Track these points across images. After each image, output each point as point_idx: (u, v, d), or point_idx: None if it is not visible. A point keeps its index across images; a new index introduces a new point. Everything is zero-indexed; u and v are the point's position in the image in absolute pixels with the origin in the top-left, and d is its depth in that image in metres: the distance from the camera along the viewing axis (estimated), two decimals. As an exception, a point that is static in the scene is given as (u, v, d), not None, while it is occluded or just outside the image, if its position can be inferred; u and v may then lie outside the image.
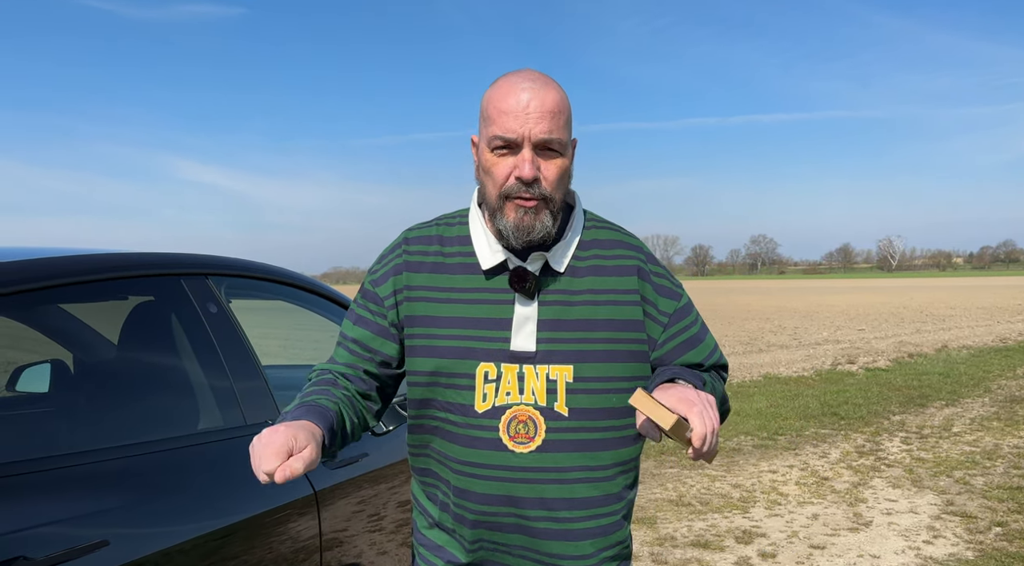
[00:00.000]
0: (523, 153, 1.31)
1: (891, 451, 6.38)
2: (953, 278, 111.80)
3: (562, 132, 1.33)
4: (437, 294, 1.40)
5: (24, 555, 1.42)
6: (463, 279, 1.39)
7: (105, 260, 1.99)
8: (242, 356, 2.18)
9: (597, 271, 1.40)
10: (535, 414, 1.35)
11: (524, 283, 1.35)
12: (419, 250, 1.44)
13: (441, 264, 1.41)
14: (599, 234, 1.44)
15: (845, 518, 4.71)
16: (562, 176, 1.35)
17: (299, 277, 2.62)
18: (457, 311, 1.38)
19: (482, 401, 1.36)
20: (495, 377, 1.35)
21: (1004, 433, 6.96)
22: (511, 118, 1.30)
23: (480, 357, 1.36)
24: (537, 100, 1.30)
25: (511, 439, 1.35)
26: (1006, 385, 9.74)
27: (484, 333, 1.36)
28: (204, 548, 1.77)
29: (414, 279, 1.42)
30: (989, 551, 4.09)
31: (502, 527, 1.39)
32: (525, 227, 1.32)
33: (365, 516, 2.33)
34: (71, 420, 2.02)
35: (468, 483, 1.38)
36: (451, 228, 1.45)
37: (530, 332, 1.36)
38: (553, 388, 1.35)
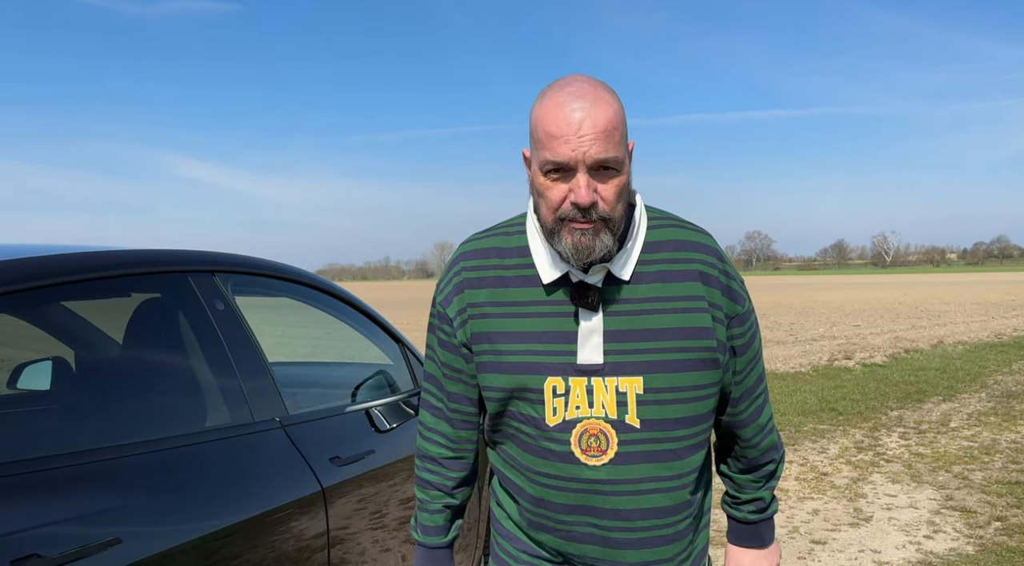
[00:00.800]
0: (577, 178, 1.25)
1: (889, 446, 6.40)
2: (947, 274, 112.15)
3: (618, 149, 1.25)
4: (500, 309, 1.38)
5: (23, 555, 1.42)
6: (524, 292, 1.37)
7: (112, 257, 1.98)
8: (249, 353, 2.17)
9: (664, 277, 1.35)
10: (606, 427, 1.34)
11: (586, 298, 1.33)
12: (477, 265, 1.41)
13: (501, 278, 1.38)
14: (664, 233, 1.39)
15: (845, 513, 4.72)
16: (620, 193, 1.29)
17: (305, 274, 2.61)
18: (521, 326, 1.36)
19: (552, 415, 1.35)
20: (563, 391, 1.34)
21: (1001, 428, 6.99)
22: (562, 143, 1.23)
23: (547, 372, 1.34)
24: (589, 120, 1.23)
25: (583, 452, 1.34)
26: (1002, 380, 9.78)
27: (550, 347, 1.34)
28: (213, 546, 1.77)
29: (477, 296, 1.39)
30: (989, 546, 4.11)
31: (579, 538, 1.39)
32: (585, 248, 1.28)
33: (370, 513, 2.33)
34: (73, 417, 2.01)
35: (544, 493, 1.39)
36: (510, 239, 1.41)
37: (596, 344, 1.33)
38: (623, 400, 1.33)
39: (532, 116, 1.30)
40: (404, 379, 2.89)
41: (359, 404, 2.50)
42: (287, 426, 2.16)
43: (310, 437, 2.21)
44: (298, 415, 2.24)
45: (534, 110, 1.30)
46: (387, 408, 2.56)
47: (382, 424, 2.52)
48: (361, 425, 2.47)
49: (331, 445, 2.27)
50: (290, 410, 2.21)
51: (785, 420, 7.47)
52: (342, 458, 2.26)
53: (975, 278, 74.95)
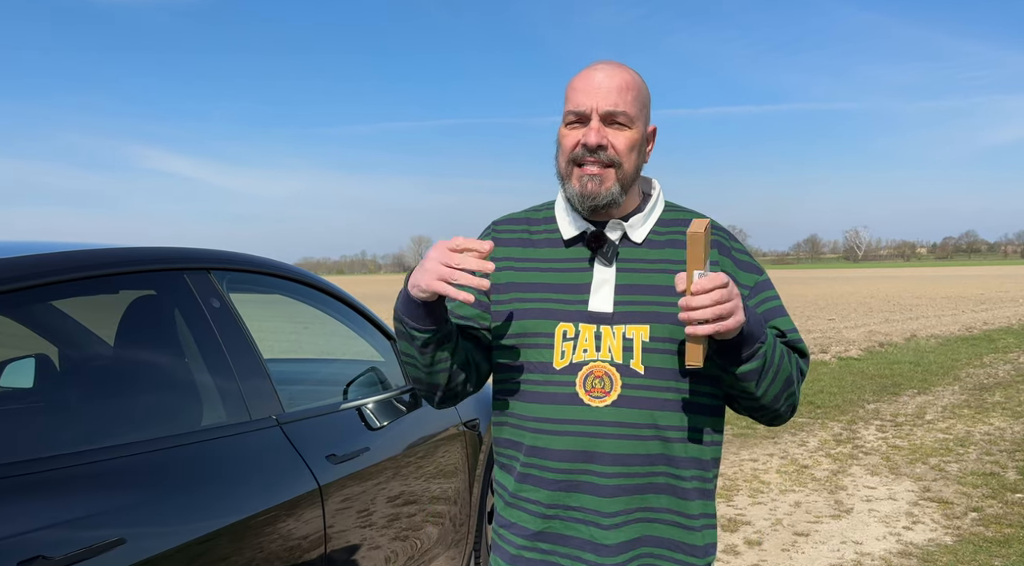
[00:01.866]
0: (591, 124, 1.38)
1: (867, 439, 6.50)
2: (918, 268, 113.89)
3: (630, 106, 1.39)
4: (522, 264, 1.48)
5: (30, 557, 1.40)
6: (546, 251, 1.48)
7: (108, 255, 1.95)
8: (245, 351, 2.16)
9: (676, 244, 1.45)
10: (611, 370, 1.39)
11: (601, 244, 1.43)
12: (506, 228, 1.54)
13: (527, 239, 1.51)
14: (681, 215, 1.50)
15: (827, 505, 4.79)
16: (631, 147, 1.40)
17: (298, 271, 2.60)
18: (539, 278, 1.46)
19: (560, 358, 1.41)
20: (573, 336, 1.40)
21: (975, 420, 7.13)
22: (581, 93, 1.39)
23: (559, 317, 1.41)
24: (607, 78, 1.39)
25: (587, 393, 1.39)
26: (974, 373, 9.97)
27: (563, 296, 1.43)
28: (214, 545, 1.76)
29: (501, 252, 1.50)
30: (967, 536, 4.19)
31: (573, 486, 1.39)
32: (590, 193, 1.39)
33: (366, 510, 2.33)
34: (61, 415, 1.99)
35: (545, 440, 1.40)
36: (538, 212, 1.54)
37: (607, 294, 1.41)
38: (629, 346, 1.39)
39: (567, 87, 1.45)
40: (396, 376, 2.88)
41: (354, 401, 2.50)
42: (284, 424, 2.15)
43: (306, 435, 2.21)
44: (294, 413, 2.23)
45: (568, 83, 1.45)
46: (380, 405, 2.56)
47: (375, 422, 2.52)
48: (356, 422, 2.46)
49: (327, 443, 2.26)
50: (286, 408, 2.21)
51: (764, 413, 7.55)
52: (338, 456, 2.26)
53: (945, 272, 76.22)
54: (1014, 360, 11.13)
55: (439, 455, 2.82)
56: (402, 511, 2.52)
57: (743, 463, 5.82)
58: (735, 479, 5.40)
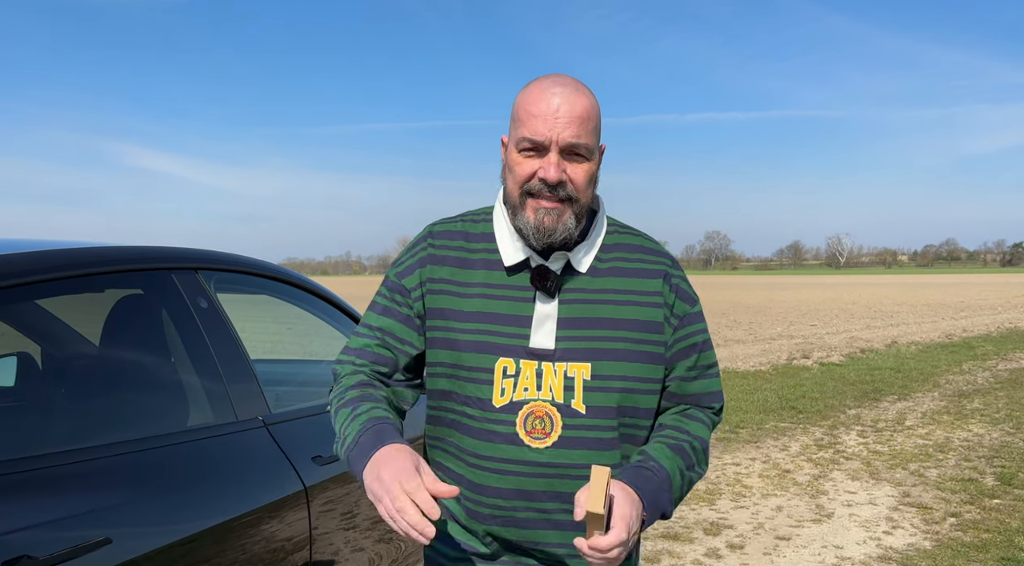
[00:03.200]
0: (549, 156, 1.32)
1: (848, 444, 6.56)
2: (898, 275, 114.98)
3: (590, 137, 1.34)
4: (459, 288, 1.41)
5: (14, 556, 1.40)
6: (485, 274, 1.41)
7: (95, 254, 1.94)
8: (232, 351, 2.15)
9: (619, 272, 1.42)
10: (552, 410, 1.36)
11: (545, 281, 1.37)
12: (444, 244, 1.45)
13: (465, 259, 1.43)
14: (622, 239, 1.47)
15: (808, 510, 4.83)
16: (589, 180, 1.36)
17: (287, 272, 2.60)
18: (477, 306, 1.39)
19: (500, 396, 1.37)
20: (513, 373, 1.36)
21: (954, 427, 7.21)
22: (540, 121, 1.32)
23: (499, 352, 1.37)
24: (567, 105, 1.32)
25: (527, 434, 1.36)
26: (953, 380, 10.08)
27: (504, 329, 1.38)
28: (199, 545, 1.75)
29: (437, 272, 1.43)
30: (945, 541, 4.24)
31: (516, 522, 1.39)
32: (546, 228, 1.34)
33: (352, 512, 2.33)
34: (42, 415, 1.97)
35: (483, 477, 1.39)
36: (476, 225, 1.47)
37: (549, 330, 1.37)
38: (571, 385, 1.36)
39: (516, 100, 1.38)
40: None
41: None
42: (270, 425, 2.15)
43: (292, 436, 2.20)
44: (280, 414, 2.22)
45: (518, 96, 1.38)
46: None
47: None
48: (342, 424, 2.46)
49: (313, 444, 2.26)
50: (272, 409, 2.20)
51: (747, 418, 7.61)
52: (324, 457, 2.26)
53: (925, 279, 77.00)
54: (992, 367, 11.27)
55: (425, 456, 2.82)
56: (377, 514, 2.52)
57: (726, 467, 5.85)
58: (718, 483, 5.43)
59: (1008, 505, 4.83)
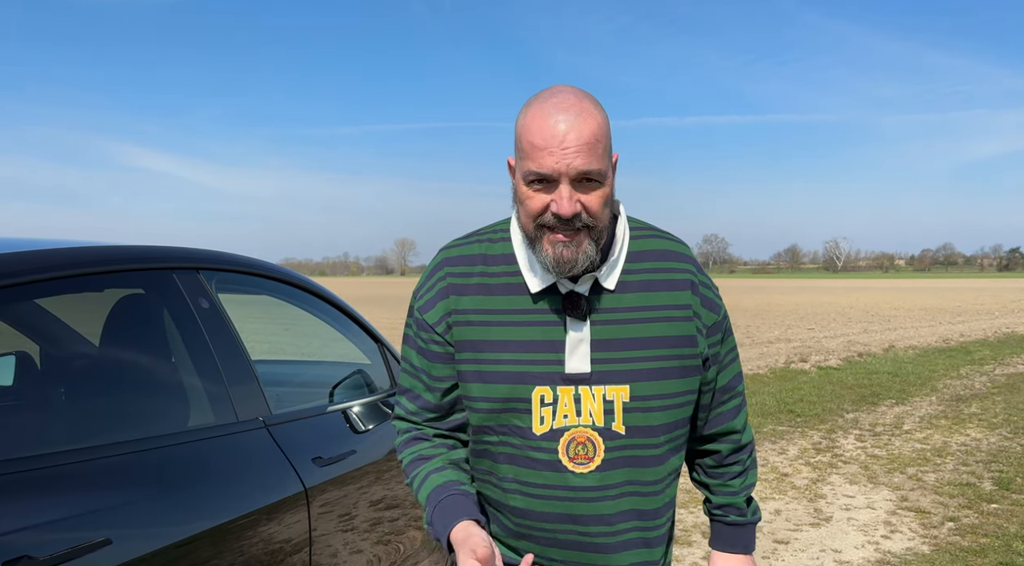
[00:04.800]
0: (560, 189, 1.25)
1: (846, 448, 6.56)
2: (896, 279, 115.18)
3: (601, 162, 1.26)
4: (485, 317, 1.36)
5: (15, 557, 1.39)
6: (510, 300, 1.36)
7: (96, 253, 1.94)
8: (233, 352, 2.15)
9: (648, 286, 1.37)
10: (593, 435, 1.35)
11: (579, 309, 1.33)
12: (462, 271, 1.39)
13: (486, 286, 1.38)
14: (647, 244, 1.42)
15: (806, 513, 4.83)
16: (603, 205, 1.29)
17: (287, 272, 2.59)
18: (508, 335, 1.35)
19: (540, 424, 1.35)
20: (551, 400, 1.34)
21: (951, 431, 7.21)
22: (546, 155, 1.23)
23: (535, 381, 1.34)
24: (574, 133, 1.23)
25: (571, 460, 1.35)
26: (951, 384, 10.09)
27: (537, 356, 1.34)
28: (199, 546, 1.75)
29: (461, 303, 1.38)
30: (943, 545, 4.24)
31: (562, 544, 1.39)
32: (566, 261, 1.28)
33: (351, 513, 2.33)
34: (40, 415, 1.97)
35: (528, 503, 1.39)
36: (494, 245, 1.40)
37: (584, 354, 1.34)
38: (610, 408, 1.35)
39: (517, 126, 1.30)
40: (382, 379, 2.88)
41: (340, 404, 2.49)
42: (270, 426, 2.14)
43: (293, 437, 2.20)
44: (281, 415, 2.22)
45: (519, 120, 1.29)
46: (366, 408, 2.56)
47: (360, 425, 2.51)
48: (342, 425, 2.46)
49: (313, 445, 2.25)
50: (273, 410, 2.20)
51: (745, 421, 7.61)
52: (324, 458, 2.25)
53: (922, 284, 77.09)
54: (990, 372, 11.29)
55: (424, 459, 2.82)
56: (386, 514, 2.52)
57: (724, 470, 5.85)
58: (716, 486, 5.43)
59: (1006, 510, 4.84)
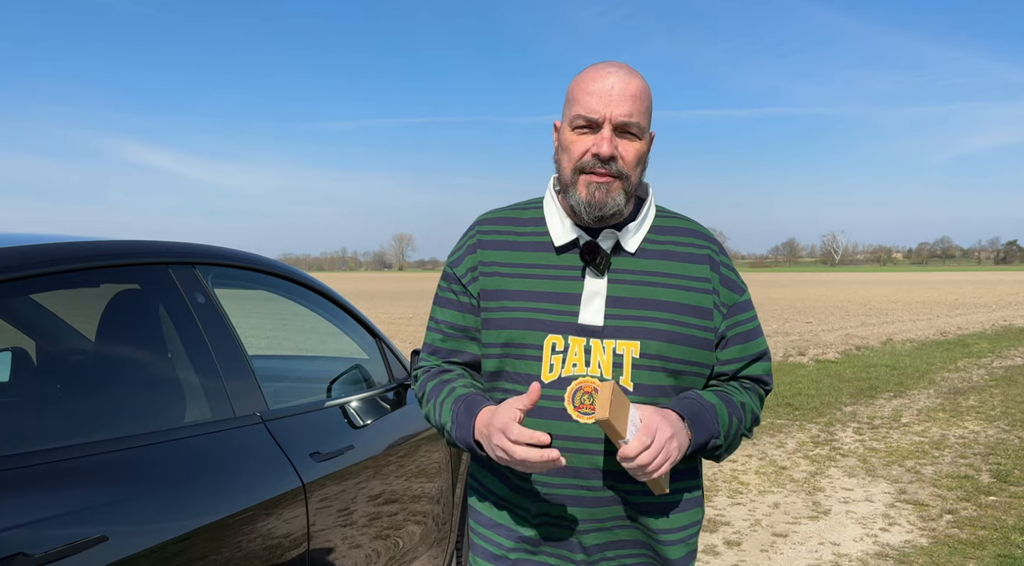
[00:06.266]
0: (602, 132, 1.36)
1: (845, 441, 6.57)
2: (893, 273, 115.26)
3: (642, 117, 1.38)
4: (510, 269, 1.45)
5: (8, 554, 1.38)
6: (535, 256, 1.44)
7: (91, 248, 1.92)
8: (230, 347, 2.14)
9: (668, 255, 1.44)
10: (601, 386, 1.36)
11: (595, 256, 1.39)
12: (492, 229, 1.50)
13: (515, 242, 1.47)
14: (671, 222, 1.49)
15: (805, 506, 4.84)
16: (639, 159, 1.39)
17: (284, 267, 2.58)
18: (528, 286, 1.42)
19: (548, 372, 1.38)
20: (562, 349, 1.38)
21: (949, 424, 7.22)
22: (595, 99, 1.35)
23: (548, 329, 1.39)
24: (621, 84, 1.36)
25: (576, 409, 1.37)
26: (949, 377, 10.10)
27: (553, 306, 1.40)
28: (196, 542, 1.74)
29: (488, 256, 1.47)
30: (942, 538, 4.25)
31: (566, 499, 1.40)
32: (597, 203, 1.37)
33: (350, 508, 2.32)
34: (37, 411, 1.95)
35: None
36: (525, 211, 1.51)
37: (598, 307, 1.38)
38: (620, 362, 1.37)
39: (571, 83, 1.41)
40: (380, 374, 2.87)
41: (337, 399, 2.48)
42: (268, 421, 2.13)
43: (291, 432, 2.19)
44: (278, 410, 2.21)
45: (574, 79, 1.41)
46: (364, 403, 2.55)
47: (358, 420, 2.50)
48: (340, 420, 2.45)
49: (311, 440, 2.24)
50: (270, 405, 2.19)
51: (743, 415, 7.61)
52: (322, 453, 2.24)
53: (920, 277, 77.17)
54: (987, 365, 11.30)
55: (422, 453, 2.81)
56: (385, 509, 2.51)
57: (722, 464, 5.86)
58: (715, 480, 5.43)
59: (1004, 502, 4.84)
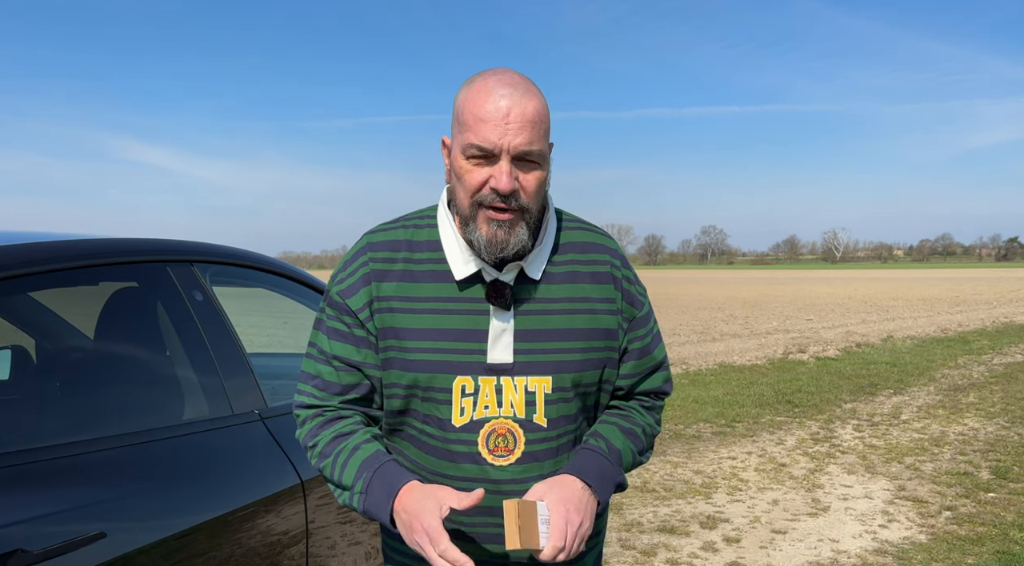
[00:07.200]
0: (500, 164, 1.25)
1: (844, 438, 6.57)
2: (894, 270, 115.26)
3: (542, 142, 1.28)
4: (408, 305, 1.34)
5: (8, 550, 1.39)
6: (434, 288, 1.34)
7: (89, 246, 1.93)
8: (228, 345, 2.14)
9: (574, 278, 1.38)
10: (514, 427, 1.33)
11: (503, 297, 1.32)
12: (385, 257, 1.37)
13: (410, 272, 1.35)
14: (573, 236, 1.42)
15: (804, 503, 4.84)
16: (540, 187, 1.30)
17: (283, 265, 2.58)
18: (429, 322, 1.33)
19: (459, 415, 1.33)
20: (472, 391, 1.32)
21: (949, 421, 7.23)
22: (489, 128, 1.24)
23: (456, 370, 1.32)
24: (518, 108, 1.24)
25: (490, 452, 1.33)
26: (949, 374, 10.11)
27: (460, 345, 1.32)
28: (195, 539, 1.75)
29: (383, 289, 1.35)
30: (940, 534, 4.26)
31: (479, 537, 1.36)
32: (499, 242, 1.28)
33: (349, 506, 2.32)
34: (37, 408, 1.96)
35: None
36: (420, 231, 1.38)
37: (507, 344, 1.32)
38: (532, 400, 1.33)
39: (458, 99, 1.30)
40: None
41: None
42: (266, 419, 2.14)
43: (289, 430, 2.19)
44: (277, 408, 2.21)
45: (460, 94, 1.30)
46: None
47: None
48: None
49: (310, 438, 2.25)
50: (269, 403, 2.19)
51: (743, 412, 7.62)
52: (321, 451, 2.25)
53: (921, 274, 77.14)
54: (987, 362, 11.31)
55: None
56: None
57: (722, 461, 5.87)
58: (714, 477, 5.44)
59: (1003, 498, 4.85)
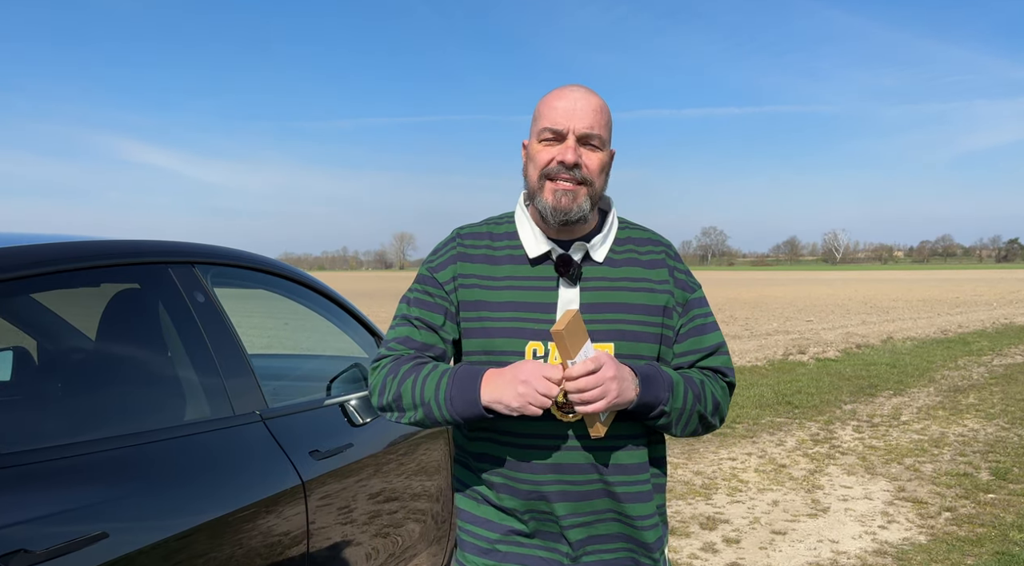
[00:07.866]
0: (567, 142, 1.49)
1: (844, 439, 6.58)
2: (894, 271, 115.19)
3: (603, 130, 1.52)
4: (488, 282, 1.55)
5: (10, 550, 1.39)
6: (511, 268, 1.55)
7: (91, 247, 1.94)
8: (229, 346, 2.15)
9: (632, 263, 1.57)
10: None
11: (568, 268, 1.51)
12: (471, 243, 1.60)
13: (491, 256, 1.57)
14: (633, 233, 1.63)
15: (804, 504, 4.85)
16: (601, 167, 1.52)
17: (284, 266, 2.59)
18: (506, 297, 1.52)
19: None
20: (542, 354, 1.49)
21: (949, 422, 7.23)
22: (560, 113, 1.49)
23: (528, 336, 1.50)
24: (584, 101, 1.51)
25: (559, 409, 1.48)
26: (949, 375, 10.11)
27: (532, 315, 1.50)
28: (196, 540, 1.75)
29: (467, 268, 1.57)
30: (940, 535, 4.26)
31: (549, 495, 1.51)
32: (563, 208, 1.48)
33: (349, 506, 2.33)
34: (38, 409, 1.97)
35: (521, 454, 1.51)
36: (500, 226, 1.61)
37: None
38: None
39: (537, 105, 1.55)
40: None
41: (337, 397, 2.49)
42: (267, 419, 2.14)
43: (290, 431, 2.20)
44: (277, 408, 2.22)
45: (540, 101, 1.55)
46: (364, 402, 2.56)
47: (358, 418, 2.51)
48: (339, 419, 2.46)
49: (310, 439, 2.26)
50: (269, 404, 2.20)
51: (743, 413, 7.63)
52: (322, 452, 2.26)
53: (921, 275, 77.12)
54: (987, 363, 11.31)
55: (421, 452, 2.82)
56: (384, 507, 2.52)
57: (722, 462, 5.87)
58: (714, 478, 5.44)
59: (1003, 499, 4.86)
